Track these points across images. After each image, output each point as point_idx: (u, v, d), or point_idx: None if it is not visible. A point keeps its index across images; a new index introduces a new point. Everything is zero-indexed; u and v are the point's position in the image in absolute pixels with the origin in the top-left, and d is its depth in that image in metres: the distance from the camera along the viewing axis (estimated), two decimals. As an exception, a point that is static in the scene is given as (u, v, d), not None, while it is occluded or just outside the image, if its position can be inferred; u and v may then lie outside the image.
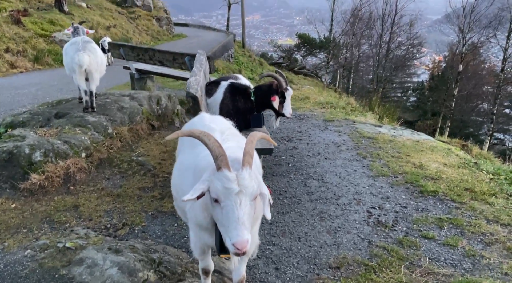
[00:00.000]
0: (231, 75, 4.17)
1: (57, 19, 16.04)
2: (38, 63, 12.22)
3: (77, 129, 4.28)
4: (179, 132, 1.69)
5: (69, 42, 4.78)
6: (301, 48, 38.99)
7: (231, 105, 3.51)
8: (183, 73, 6.59)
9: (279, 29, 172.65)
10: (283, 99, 3.53)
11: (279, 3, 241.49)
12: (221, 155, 1.49)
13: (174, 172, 2.16)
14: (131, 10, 26.12)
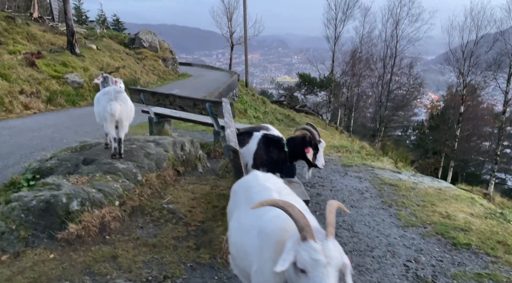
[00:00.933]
0: (261, 126, 4.32)
1: (69, 61, 16.54)
2: (51, 104, 12.48)
3: (108, 177, 4.36)
4: (264, 202, 1.76)
5: (101, 92, 4.97)
6: (302, 87, 39.96)
7: (266, 156, 3.63)
8: (204, 118, 6.76)
9: (278, 68, 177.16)
10: (316, 151, 3.66)
11: (278, 42, 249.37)
12: (307, 225, 1.56)
13: (233, 230, 2.21)
14: (138, 51, 26.97)
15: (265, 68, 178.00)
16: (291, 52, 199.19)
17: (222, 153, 6.18)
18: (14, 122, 9.81)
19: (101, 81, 5.39)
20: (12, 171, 5.94)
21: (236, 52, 42.78)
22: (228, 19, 41.18)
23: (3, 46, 15.30)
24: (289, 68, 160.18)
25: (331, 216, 1.64)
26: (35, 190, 4.05)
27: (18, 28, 17.83)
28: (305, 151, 3.60)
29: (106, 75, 5.43)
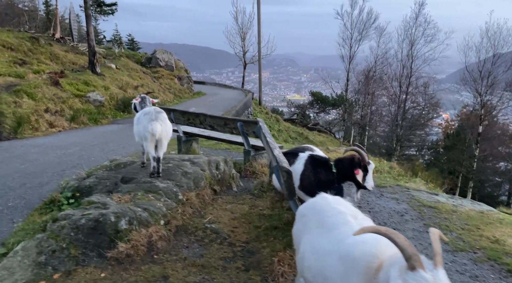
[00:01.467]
0: (305, 146, 4.33)
1: (90, 80, 16.90)
2: (74, 122, 12.71)
3: (150, 196, 4.39)
4: (365, 229, 1.75)
5: (141, 112, 5.06)
6: (314, 105, 40.12)
7: (313, 177, 3.63)
8: (232, 137, 6.82)
9: (287, 86, 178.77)
10: (365, 173, 3.65)
11: (287, 61, 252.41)
12: (415, 254, 1.54)
13: (307, 254, 2.19)
14: (154, 70, 27.49)
15: (274, 86, 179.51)
16: (300, 71, 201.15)
17: (253, 171, 6.19)
18: (41, 140, 9.98)
19: (139, 101, 5.50)
20: (47, 188, 6.02)
21: (246, 71, 43.39)
22: (242, 39, 41.99)
23: (28, 66, 15.74)
24: (298, 86, 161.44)
25: (437, 244, 1.63)
26: (81, 208, 4.09)
27: (42, 48, 18.36)
28: (355, 173, 3.59)
29: (143, 96, 5.54)
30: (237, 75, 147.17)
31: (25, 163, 7.51)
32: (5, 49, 16.03)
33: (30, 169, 7.13)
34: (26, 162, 7.63)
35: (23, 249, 3.56)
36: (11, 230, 4.46)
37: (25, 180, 6.39)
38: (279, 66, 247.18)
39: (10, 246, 3.89)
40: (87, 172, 6.14)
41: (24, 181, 6.33)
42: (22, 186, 6.07)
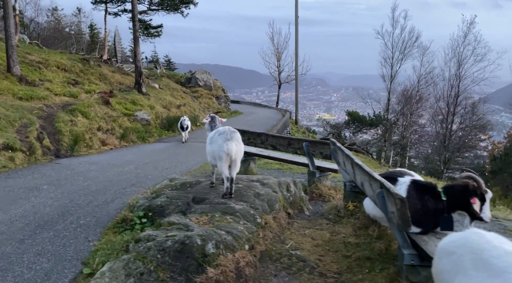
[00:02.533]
0: (401, 170, 4.02)
1: (137, 99, 17.39)
2: (124, 140, 12.99)
3: (228, 218, 4.24)
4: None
5: (215, 132, 4.99)
6: (350, 125, 39.53)
7: (420, 205, 3.34)
8: (296, 157, 6.64)
9: (317, 105, 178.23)
10: (483, 202, 3.33)
11: (317, 81, 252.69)
12: None
13: None
14: (194, 89, 28.07)
15: (304, 105, 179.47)
16: (330, 90, 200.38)
17: (320, 194, 5.95)
18: (96, 158, 10.20)
19: (208, 121, 5.46)
20: (113, 206, 6.02)
21: (275, 90, 43.70)
22: (277, 59, 42.42)
23: (80, 86, 16.41)
24: (328, 105, 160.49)
25: None
26: (162, 229, 3.99)
27: (92, 69, 19.17)
28: (471, 202, 3.28)
29: (213, 115, 5.49)
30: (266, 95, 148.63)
31: (87, 180, 7.63)
32: (59, 70, 16.82)
33: (93, 186, 7.21)
34: (87, 179, 7.75)
35: (110, 270, 3.47)
36: (89, 249, 4.42)
37: (91, 198, 6.44)
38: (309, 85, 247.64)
39: (94, 266, 3.83)
40: (153, 190, 6.12)
41: (90, 199, 6.39)
42: (89, 204, 6.11)
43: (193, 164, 9.82)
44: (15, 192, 6.61)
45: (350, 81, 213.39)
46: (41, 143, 9.94)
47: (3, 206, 5.82)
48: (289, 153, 6.46)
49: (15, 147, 8.98)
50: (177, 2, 17.68)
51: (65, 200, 6.25)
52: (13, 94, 12.07)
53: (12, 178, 7.54)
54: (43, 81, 14.78)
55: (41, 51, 19.17)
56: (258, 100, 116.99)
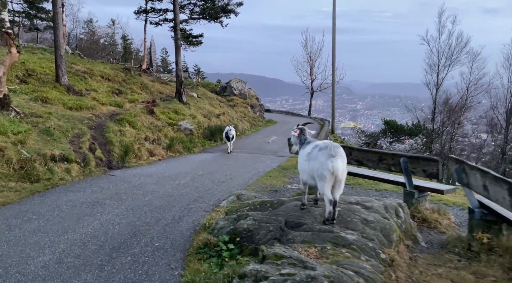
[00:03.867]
0: None
1: (179, 108, 17.17)
2: (170, 151, 12.65)
3: (344, 251, 3.62)
4: None
5: (313, 146, 4.41)
6: (387, 134, 38.20)
7: None
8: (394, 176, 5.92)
9: (342, 114, 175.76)
10: None
11: (342, 89, 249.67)
12: None
13: None
14: (229, 98, 27.80)
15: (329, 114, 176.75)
16: (356, 98, 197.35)
17: (423, 219, 5.22)
18: (148, 169, 9.86)
19: (297, 134, 4.91)
20: (184, 226, 5.55)
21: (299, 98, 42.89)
22: (310, 66, 41.83)
23: (123, 95, 16.34)
24: (354, 114, 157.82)
25: None
26: (269, 263, 3.44)
27: (134, 79, 19.16)
28: None
29: (302, 127, 4.95)
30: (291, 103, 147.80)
31: (147, 195, 7.23)
32: (103, 79, 16.84)
33: (155, 201, 6.80)
34: (147, 193, 7.35)
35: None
36: (175, 279, 3.94)
37: (157, 215, 6.01)
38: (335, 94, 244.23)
39: (194, 305, 3.32)
40: (227, 209, 5.62)
41: (156, 216, 5.95)
42: (158, 222, 5.67)
43: (247, 177, 9.31)
44: (78, 207, 6.27)
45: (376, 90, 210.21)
46: (93, 154, 9.70)
47: (70, 223, 5.46)
48: (379, 170, 5.80)
49: (71, 158, 8.75)
50: (218, 11, 17.42)
51: (131, 217, 5.84)
52: (63, 104, 12.00)
53: (72, 192, 7.24)
54: (89, 91, 14.75)
55: (84, 61, 19.36)
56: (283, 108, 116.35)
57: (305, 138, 4.78)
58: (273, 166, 11.08)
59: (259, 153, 13.73)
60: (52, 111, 10.92)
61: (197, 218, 5.88)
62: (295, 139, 4.98)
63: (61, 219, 5.63)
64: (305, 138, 4.78)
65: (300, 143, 4.80)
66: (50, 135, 9.47)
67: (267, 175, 9.58)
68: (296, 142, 4.94)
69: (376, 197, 6.62)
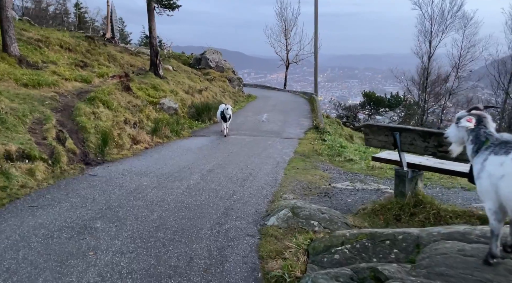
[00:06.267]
0: None
1: (157, 84, 14.65)
2: (156, 136, 10.36)
3: None
4: None
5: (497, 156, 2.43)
6: (366, 107, 37.26)
7: None
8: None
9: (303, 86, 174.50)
10: None
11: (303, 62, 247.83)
12: None
13: None
14: (205, 71, 25.25)
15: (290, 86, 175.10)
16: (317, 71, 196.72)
17: None
18: (138, 163, 7.61)
19: (473, 125, 2.62)
20: (235, 270, 3.56)
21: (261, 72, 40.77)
22: (286, 36, 39.57)
23: (90, 69, 13.56)
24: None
25: None
26: None
27: (99, 49, 16.24)
28: None
29: (481, 114, 2.64)
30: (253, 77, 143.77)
31: (153, 208, 5.11)
32: (63, 50, 13.90)
33: (169, 220, 4.71)
34: (152, 204, 5.23)
35: None
36: None
37: (184, 248, 3.97)
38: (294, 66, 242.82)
39: None
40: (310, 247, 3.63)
41: (184, 251, 3.91)
42: (189, 264, 3.64)
43: (270, 171, 7.35)
44: (56, 239, 4.07)
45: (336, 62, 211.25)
46: (63, 146, 7.31)
47: (50, 277, 3.29)
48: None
49: (33, 155, 6.36)
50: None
51: (145, 256, 3.75)
52: (16, 80, 9.28)
53: (41, 208, 4.97)
54: (46, 63, 11.91)
55: (37, 28, 16.07)
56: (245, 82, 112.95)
57: (486, 136, 2.57)
58: (288, 152, 9.14)
59: (260, 135, 11.72)
60: (2, 90, 8.25)
61: (247, 252, 3.90)
62: (462, 134, 2.71)
63: (31, 271, 3.43)
64: (487, 136, 2.56)
65: (477, 142, 2.59)
66: (1, 122, 6.94)
67: (292, 167, 7.64)
68: (465, 140, 2.70)
69: None
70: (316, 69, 28.28)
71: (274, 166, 7.77)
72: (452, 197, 5.45)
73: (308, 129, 12.69)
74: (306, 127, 13.21)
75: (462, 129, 2.65)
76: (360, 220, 4.45)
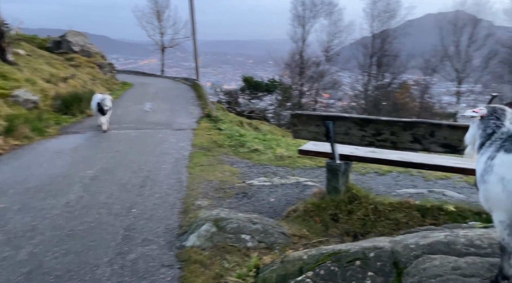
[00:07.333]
0: None
1: (6, 71, 11.80)
2: (12, 137, 8.19)
3: None
4: None
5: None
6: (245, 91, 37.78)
7: None
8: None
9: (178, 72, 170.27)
10: None
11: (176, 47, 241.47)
12: None
13: None
14: (68, 56, 21.84)
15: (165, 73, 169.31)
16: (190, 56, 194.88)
17: None
18: (-9, 179, 5.68)
19: (484, 117, 2.12)
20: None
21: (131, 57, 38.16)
22: (158, 19, 37.24)
23: None
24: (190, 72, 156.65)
25: None
26: None
27: None
28: None
29: (496, 107, 2.10)
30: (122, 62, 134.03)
31: (21, 245, 3.68)
32: None
33: (47, 259, 3.42)
34: (17, 238, 3.78)
35: None
36: None
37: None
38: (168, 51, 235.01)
39: None
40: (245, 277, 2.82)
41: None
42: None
43: (171, 171, 6.30)
44: None
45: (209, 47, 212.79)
46: None
47: None
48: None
49: None
50: None
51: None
52: None
53: None
54: None
55: None
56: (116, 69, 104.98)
57: (494, 128, 2.03)
58: (186, 146, 8.12)
59: (147, 128, 10.34)
60: None
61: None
62: (476, 129, 2.15)
63: None
64: (495, 128, 2.04)
65: (483, 135, 2.07)
66: None
67: (195, 164, 6.69)
68: (481, 136, 2.08)
69: None
70: (196, 53, 27.21)
71: (174, 164, 6.71)
72: (371, 184, 5.29)
73: (200, 118, 11.77)
74: (197, 116, 12.25)
75: (474, 125, 2.14)
76: (296, 226, 3.86)
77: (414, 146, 3.59)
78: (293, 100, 32.43)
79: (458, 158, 3.96)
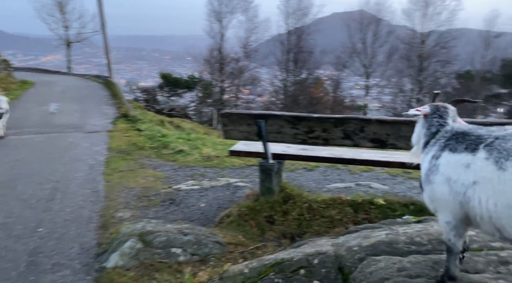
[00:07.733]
0: None
1: None
2: None
3: None
4: None
5: (471, 143, 1.80)
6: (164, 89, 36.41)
7: None
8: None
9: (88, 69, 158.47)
10: None
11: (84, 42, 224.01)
12: None
13: None
14: None
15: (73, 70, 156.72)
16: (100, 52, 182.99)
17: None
18: None
19: (427, 116, 2.03)
20: None
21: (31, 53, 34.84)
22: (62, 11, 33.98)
23: None
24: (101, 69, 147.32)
25: None
26: None
27: None
28: None
29: (438, 105, 2.01)
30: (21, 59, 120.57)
31: None
32: None
33: None
34: None
35: None
36: None
37: None
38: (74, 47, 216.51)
39: None
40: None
41: None
42: None
43: (84, 180, 5.63)
44: None
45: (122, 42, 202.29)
46: None
47: None
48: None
49: None
50: None
51: None
52: None
53: None
54: None
55: None
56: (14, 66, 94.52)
57: (438, 127, 1.96)
58: (101, 151, 7.37)
59: (54, 131, 9.24)
60: None
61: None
62: (421, 128, 2.06)
63: None
64: (439, 127, 1.96)
65: (427, 134, 2.00)
66: None
67: (114, 170, 6.06)
68: (426, 135, 2.01)
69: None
70: (108, 48, 25.28)
71: (88, 171, 6.01)
72: (301, 180, 5.27)
73: (116, 119, 10.86)
74: (112, 116, 11.29)
75: (419, 124, 2.07)
76: (231, 232, 3.62)
77: (345, 142, 3.57)
78: (214, 96, 32.12)
79: (383, 152, 4.06)
